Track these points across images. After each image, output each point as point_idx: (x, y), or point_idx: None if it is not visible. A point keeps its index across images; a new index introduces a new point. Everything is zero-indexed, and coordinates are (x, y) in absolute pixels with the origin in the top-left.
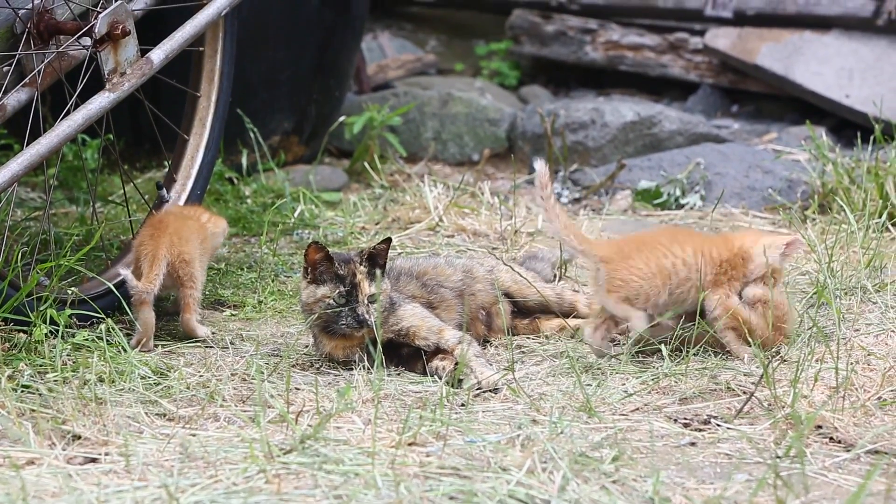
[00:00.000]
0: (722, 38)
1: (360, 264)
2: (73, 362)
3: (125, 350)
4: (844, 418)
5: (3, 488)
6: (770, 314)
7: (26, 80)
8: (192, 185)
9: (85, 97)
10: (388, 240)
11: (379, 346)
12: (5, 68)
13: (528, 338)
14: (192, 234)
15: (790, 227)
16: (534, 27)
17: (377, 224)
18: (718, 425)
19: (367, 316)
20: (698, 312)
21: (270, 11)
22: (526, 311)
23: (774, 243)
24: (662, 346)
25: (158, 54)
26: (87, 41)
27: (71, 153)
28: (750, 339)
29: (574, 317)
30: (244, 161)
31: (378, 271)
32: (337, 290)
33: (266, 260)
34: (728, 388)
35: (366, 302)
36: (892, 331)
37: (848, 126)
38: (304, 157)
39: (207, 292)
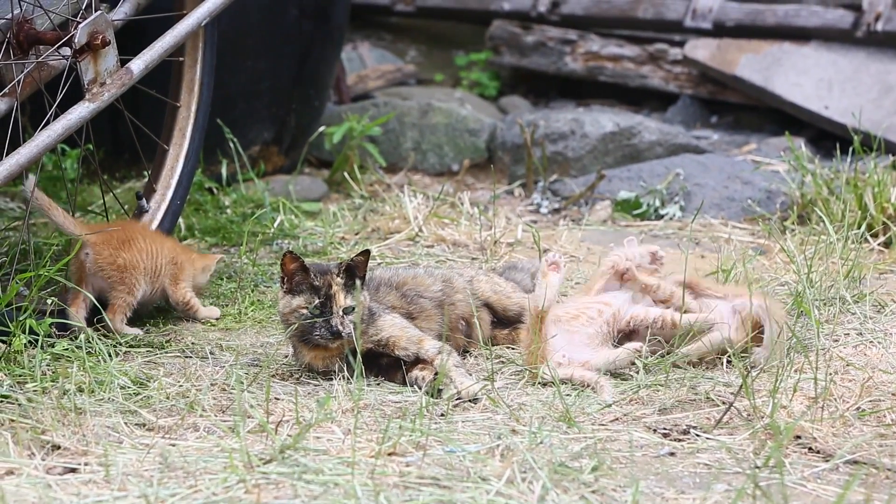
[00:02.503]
0: (701, 49)
1: (338, 276)
2: (53, 372)
3: (105, 360)
4: (823, 428)
5: None
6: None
7: (6, 90)
8: (172, 195)
9: (65, 107)
10: (367, 252)
11: (359, 357)
12: None
13: (507, 348)
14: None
15: (769, 237)
16: (513, 38)
17: (357, 234)
18: (698, 435)
19: (340, 327)
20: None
21: (250, 22)
22: (506, 322)
23: None
24: (638, 361)
25: (138, 64)
26: (67, 51)
27: (51, 163)
28: None
29: None
30: (224, 171)
31: (357, 282)
32: (312, 302)
33: (246, 270)
34: (707, 398)
35: (340, 313)
36: (871, 341)
37: (827, 137)
38: (284, 167)
39: None
